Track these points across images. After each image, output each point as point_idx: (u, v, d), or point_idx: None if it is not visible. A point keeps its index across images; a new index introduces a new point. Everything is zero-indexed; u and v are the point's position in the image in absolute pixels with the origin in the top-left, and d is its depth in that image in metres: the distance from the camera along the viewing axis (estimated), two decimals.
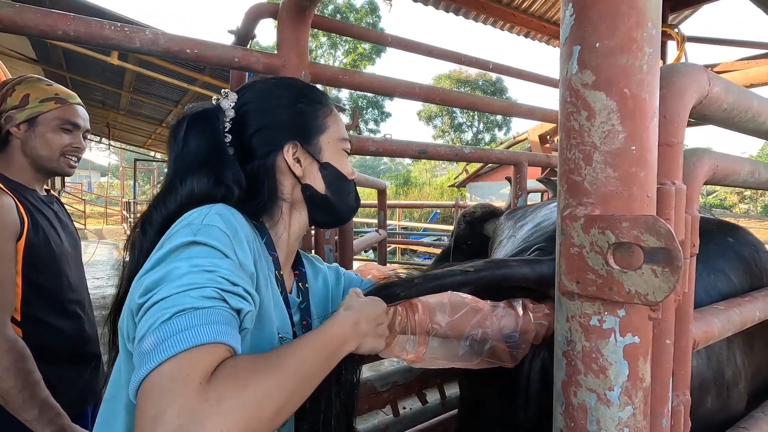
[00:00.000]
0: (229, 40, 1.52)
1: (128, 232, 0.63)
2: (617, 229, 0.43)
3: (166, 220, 0.57)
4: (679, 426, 0.56)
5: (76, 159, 1.18)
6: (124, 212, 11.96)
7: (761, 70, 2.03)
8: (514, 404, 0.78)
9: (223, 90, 0.71)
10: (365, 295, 0.65)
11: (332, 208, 0.71)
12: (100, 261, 7.96)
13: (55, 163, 1.14)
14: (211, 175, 0.61)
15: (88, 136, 1.26)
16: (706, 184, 0.67)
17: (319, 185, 0.70)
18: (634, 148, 0.44)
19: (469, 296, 0.72)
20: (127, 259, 0.61)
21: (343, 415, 0.65)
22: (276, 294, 0.65)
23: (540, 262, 0.68)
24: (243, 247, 0.55)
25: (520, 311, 0.70)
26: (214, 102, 0.69)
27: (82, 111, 1.19)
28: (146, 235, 0.59)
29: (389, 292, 0.66)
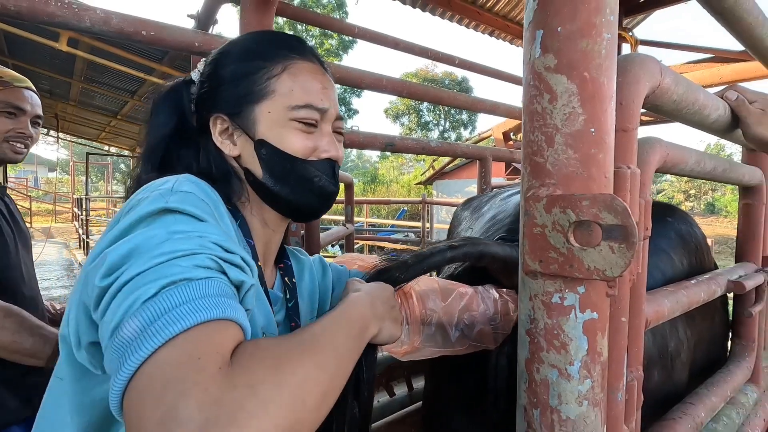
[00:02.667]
0: (189, 25, 1.46)
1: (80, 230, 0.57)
2: (577, 208, 0.44)
3: None
4: (633, 399, 0.59)
5: (22, 146, 1.10)
6: (75, 209, 11.26)
7: (705, 73, 2.17)
8: (482, 397, 0.79)
9: (203, 59, 0.62)
10: (367, 281, 0.59)
11: (279, 198, 0.57)
12: (48, 261, 7.50)
13: None
14: (161, 156, 0.56)
15: (41, 123, 1.18)
16: (657, 171, 0.71)
17: (257, 169, 0.56)
18: (593, 130, 0.46)
19: (454, 282, 0.73)
20: None
21: (362, 419, 0.56)
22: (257, 286, 0.53)
23: (510, 246, 0.70)
24: (225, 221, 0.47)
25: (496, 295, 0.72)
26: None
27: (30, 95, 1.12)
28: None
29: (389, 276, 0.61)
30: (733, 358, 1.09)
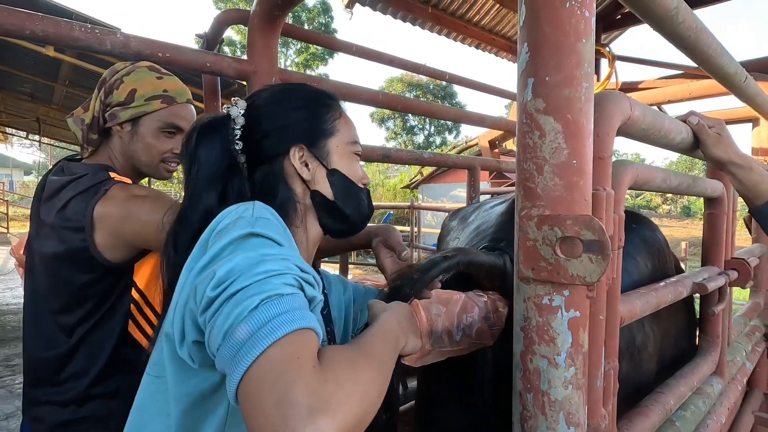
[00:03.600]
0: (195, 43, 1.53)
1: None
2: (563, 226, 0.54)
3: (194, 238, 0.57)
4: (609, 386, 0.69)
5: (176, 164, 1.07)
6: None
7: (676, 88, 2.33)
8: (471, 391, 0.88)
9: (233, 98, 0.71)
10: (384, 301, 0.67)
11: (342, 215, 0.69)
12: None
13: (154, 170, 1.04)
14: (219, 188, 0.62)
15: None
16: (630, 189, 0.82)
17: (327, 191, 0.68)
18: (575, 161, 0.56)
19: (448, 290, 0.81)
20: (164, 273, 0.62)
21: (391, 425, 0.64)
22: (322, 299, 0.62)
23: (493, 254, 0.80)
24: (292, 243, 0.55)
25: (485, 296, 0.81)
26: (224, 111, 0.70)
27: (188, 111, 1.07)
28: (177, 251, 0.60)
29: (402, 294, 0.69)
30: (700, 352, 1.21)
